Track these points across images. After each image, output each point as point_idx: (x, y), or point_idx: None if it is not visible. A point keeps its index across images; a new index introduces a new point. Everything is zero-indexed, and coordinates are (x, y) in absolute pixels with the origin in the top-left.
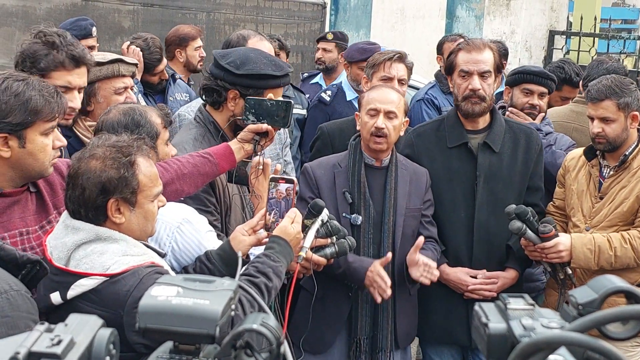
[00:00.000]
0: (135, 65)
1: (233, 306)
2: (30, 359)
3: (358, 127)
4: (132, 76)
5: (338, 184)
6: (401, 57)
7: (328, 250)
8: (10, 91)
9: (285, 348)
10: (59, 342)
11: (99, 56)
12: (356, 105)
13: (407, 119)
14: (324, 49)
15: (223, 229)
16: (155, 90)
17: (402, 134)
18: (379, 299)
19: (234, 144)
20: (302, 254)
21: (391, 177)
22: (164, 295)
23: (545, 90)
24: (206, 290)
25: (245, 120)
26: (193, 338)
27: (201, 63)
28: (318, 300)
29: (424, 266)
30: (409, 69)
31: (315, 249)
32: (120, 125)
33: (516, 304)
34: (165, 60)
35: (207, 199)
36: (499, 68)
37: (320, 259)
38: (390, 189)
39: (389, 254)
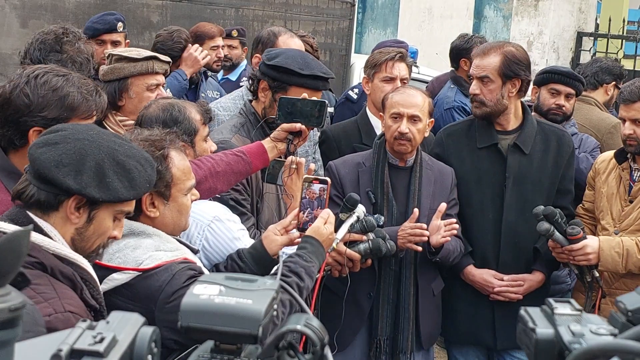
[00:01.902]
0: (169, 63)
1: (275, 306)
2: (73, 356)
3: (382, 129)
4: (165, 74)
5: (362, 183)
6: (403, 57)
7: (362, 246)
8: (48, 85)
9: (327, 350)
10: (102, 339)
11: (133, 52)
12: None
13: (432, 119)
14: (230, 46)
15: (253, 211)
16: (189, 84)
17: (426, 134)
18: (419, 249)
19: (267, 143)
20: (333, 244)
21: (415, 178)
22: (206, 294)
23: (572, 91)
24: (248, 289)
25: (279, 119)
26: (235, 338)
27: (218, 63)
28: (342, 297)
29: (444, 225)
30: (410, 68)
31: (350, 244)
32: (158, 120)
33: (563, 309)
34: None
35: None
36: (506, 74)
37: (353, 253)
38: (414, 190)
39: (416, 210)
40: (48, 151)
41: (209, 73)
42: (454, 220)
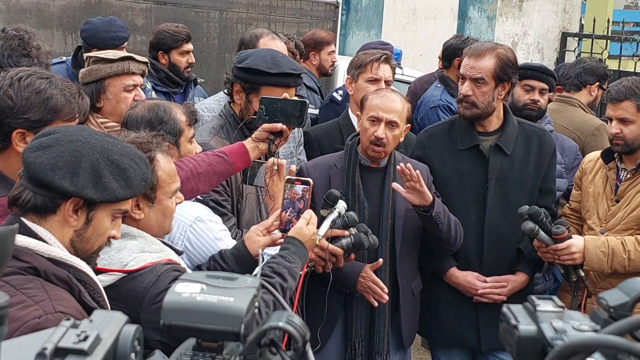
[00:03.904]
0: (146, 63)
1: (257, 304)
2: (57, 354)
3: (358, 128)
4: (143, 75)
5: (333, 186)
6: (387, 58)
7: (344, 241)
8: (32, 88)
9: (309, 346)
10: (86, 338)
11: (109, 54)
12: None
13: (408, 125)
14: None
15: (234, 212)
16: (182, 78)
17: (401, 139)
18: (375, 304)
19: (248, 143)
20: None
21: (389, 179)
22: (188, 292)
23: (545, 86)
24: (230, 287)
25: (260, 119)
26: (217, 335)
27: (332, 67)
28: (314, 299)
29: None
30: (394, 70)
31: (332, 240)
32: (144, 120)
33: (545, 306)
34: (191, 46)
35: None
36: (500, 77)
37: (336, 248)
38: (389, 191)
39: (380, 260)
40: (42, 155)
41: (198, 80)
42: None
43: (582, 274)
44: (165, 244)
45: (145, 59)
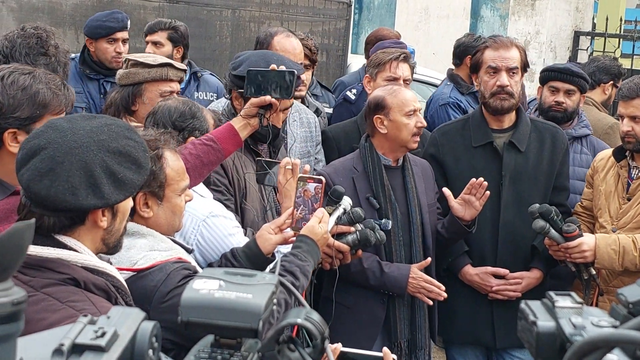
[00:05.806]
0: (184, 71)
1: (275, 300)
2: (75, 350)
3: (384, 131)
4: (180, 81)
5: (360, 190)
6: (406, 57)
7: (350, 238)
8: (17, 85)
9: (327, 343)
10: (103, 334)
11: (149, 58)
12: None
13: None
14: None
15: (237, 211)
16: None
17: None
18: (430, 303)
19: (237, 122)
20: None
21: (409, 177)
22: (206, 288)
23: (572, 87)
24: (248, 284)
25: (248, 93)
26: (236, 332)
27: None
28: (349, 305)
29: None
30: (412, 69)
31: (338, 236)
32: (177, 110)
33: (564, 302)
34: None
35: (218, 180)
36: (525, 67)
37: (342, 245)
38: (412, 188)
39: (429, 259)
40: (52, 183)
41: (199, 73)
42: (484, 182)
43: (594, 272)
44: (175, 242)
45: (184, 66)
